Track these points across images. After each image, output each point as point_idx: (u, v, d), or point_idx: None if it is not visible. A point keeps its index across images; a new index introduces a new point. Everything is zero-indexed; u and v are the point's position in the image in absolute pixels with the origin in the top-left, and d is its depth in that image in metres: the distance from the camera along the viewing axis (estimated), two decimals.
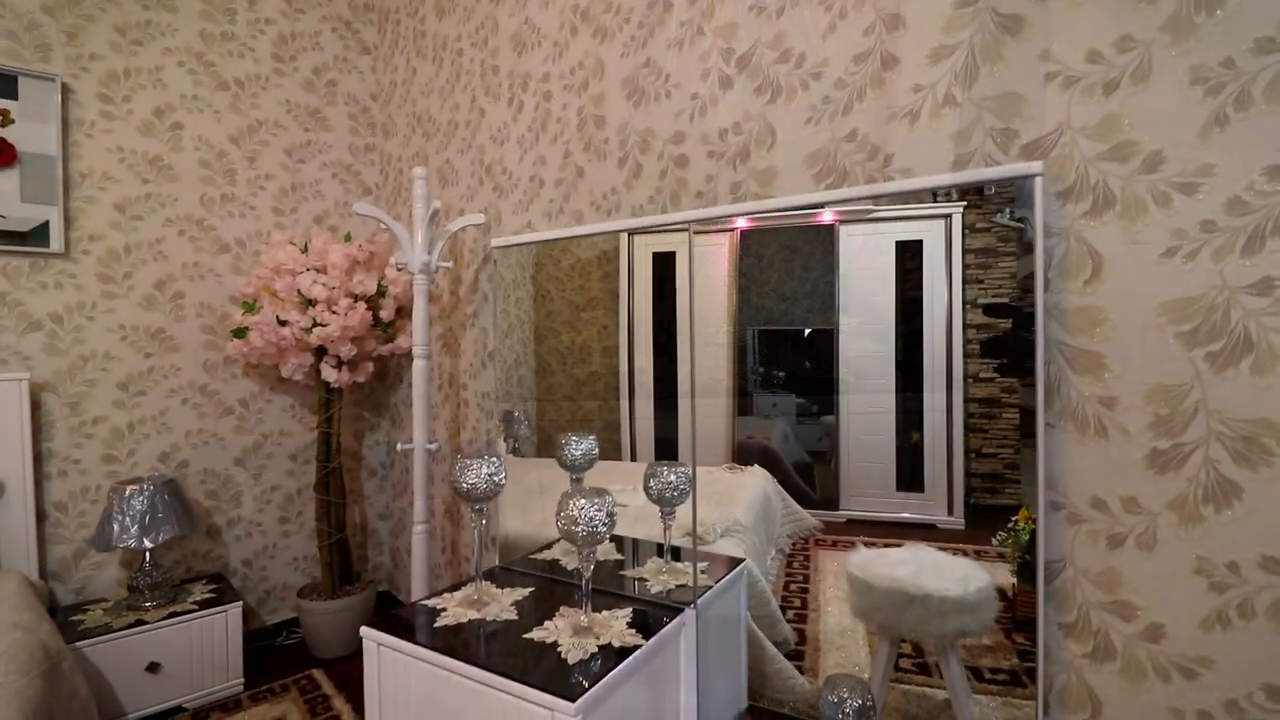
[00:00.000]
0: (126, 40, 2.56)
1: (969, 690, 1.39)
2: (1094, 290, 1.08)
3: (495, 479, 1.46)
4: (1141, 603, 1.05)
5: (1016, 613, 1.32)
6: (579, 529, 1.29)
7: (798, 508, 1.74)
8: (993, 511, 1.36)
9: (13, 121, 2.33)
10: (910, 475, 1.59)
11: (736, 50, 1.60)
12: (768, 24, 1.53)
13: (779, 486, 1.77)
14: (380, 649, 1.37)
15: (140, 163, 2.59)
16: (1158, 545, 1.03)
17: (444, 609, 1.45)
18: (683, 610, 1.48)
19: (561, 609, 1.46)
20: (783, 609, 1.72)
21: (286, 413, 2.98)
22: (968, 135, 1.22)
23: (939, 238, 1.45)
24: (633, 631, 1.35)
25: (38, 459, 2.38)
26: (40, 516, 2.38)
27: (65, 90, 2.43)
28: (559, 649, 1.27)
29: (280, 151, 2.95)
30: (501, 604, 1.49)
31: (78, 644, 2.12)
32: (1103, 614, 1.09)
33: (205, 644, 2.40)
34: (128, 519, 2.29)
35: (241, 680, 2.49)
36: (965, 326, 1.41)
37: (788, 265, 1.72)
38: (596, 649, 1.27)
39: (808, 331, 1.73)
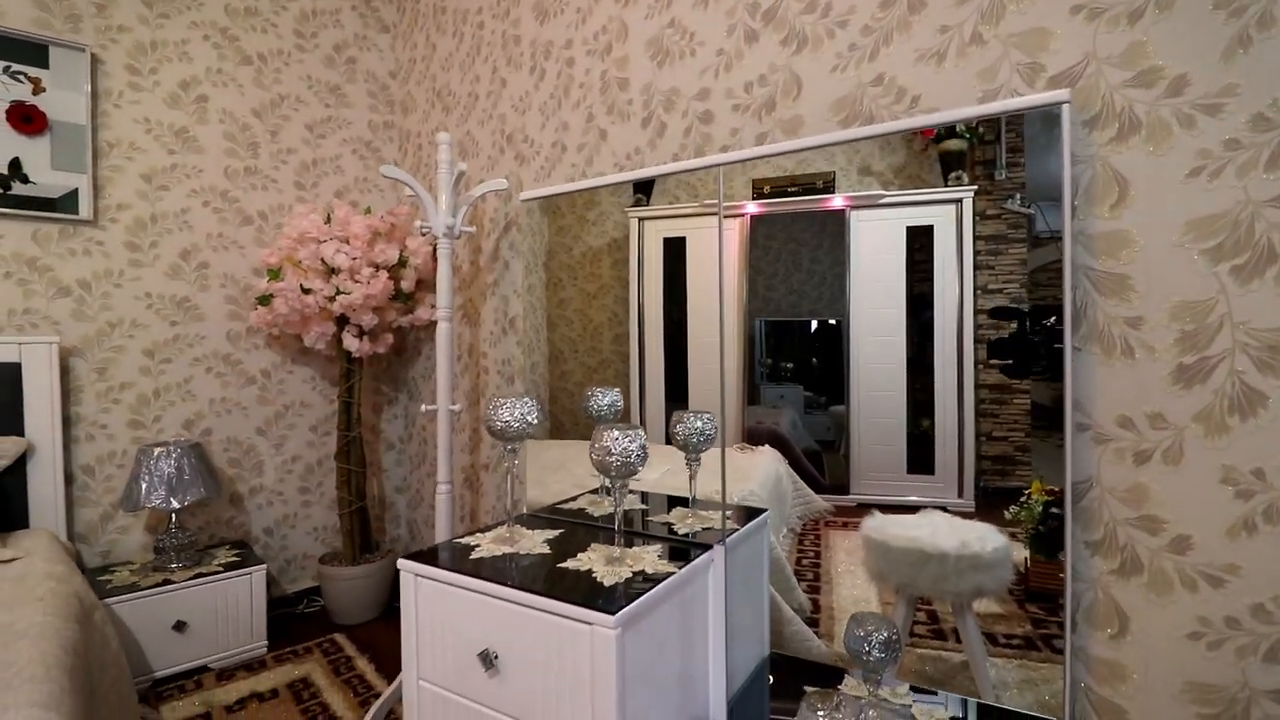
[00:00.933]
0: (153, 13, 2.60)
1: (985, 649, 1.41)
2: (1120, 215, 1.11)
3: (528, 419, 1.49)
4: (1168, 516, 1.08)
5: (1029, 584, 1.33)
6: (613, 459, 1.32)
7: (808, 490, 1.75)
8: (1003, 494, 1.37)
9: (44, 90, 2.37)
10: (920, 459, 1.59)
11: (762, 4, 1.63)
12: None
13: (789, 468, 1.78)
14: (418, 580, 1.40)
15: (166, 134, 2.64)
16: (1184, 459, 1.06)
17: (476, 545, 1.49)
18: (711, 547, 1.51)
19: (593, 545, 1.49)
20: (796, 577, 1.75)
21: (307, 384, 3.01)
22: (994, 72, 1.25)
23: (949, 224, 1.46)
24: (664, 562, 1.38)
25: (66, 422, 2.42)
26: (68, 479, 2.42)
27: (94, 61, 2.47)
28: (594, 575, 1.30)
29: (302, 126, 3.00)
30: (533, 541, 1.52)
31: (107, 600, 2.16)
32: (1130, 530, 1.11)
33: (230, 605, 2.44)
34: (156, 480, 2.33)
35: (265, 643, 2.52)
36: (976, 312, 1.41)
37: (795, 258, 1.73)
38: (630, 574, 1.30)
39: (815, 323, 1.73)
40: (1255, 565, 1.01)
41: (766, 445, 1.82)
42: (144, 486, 2.32)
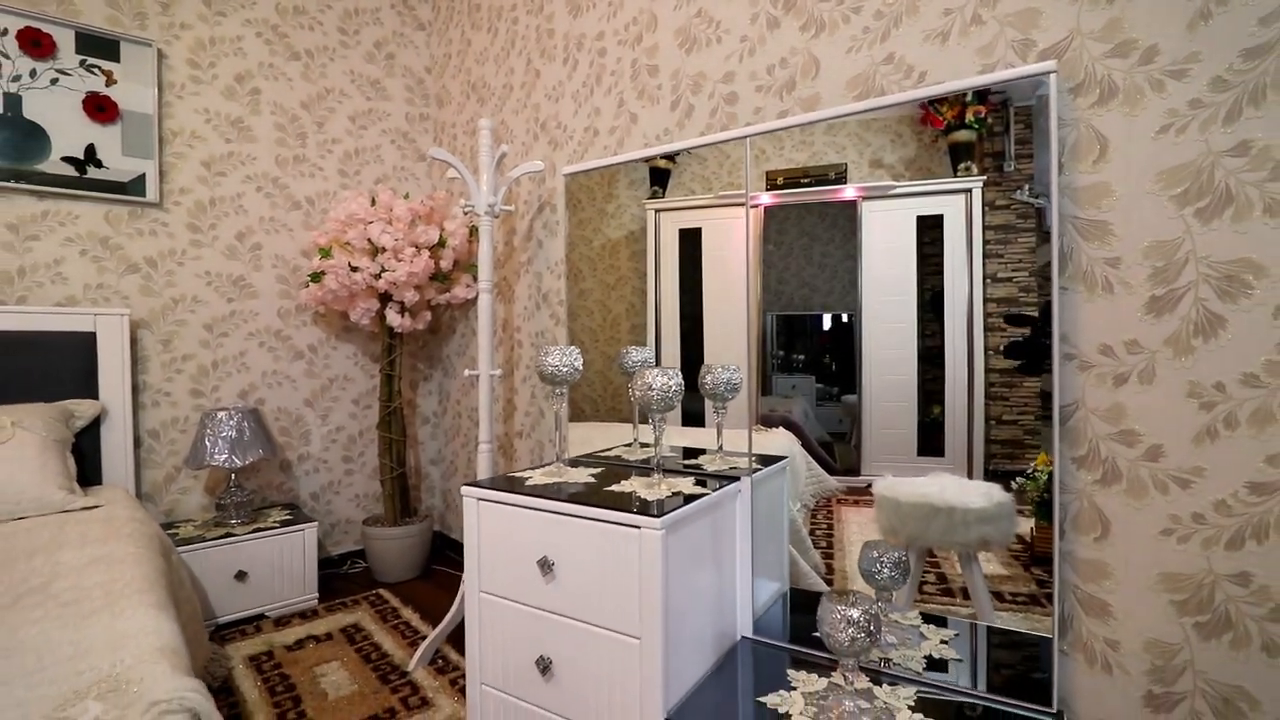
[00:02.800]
0: (212, 11, 2.81)
1: (990, 598, 1.51)
2: (1100, 169, 1.27)
3: (574, 364, 1.67)
4: (1143, 429, 1.23)
5: (1035, 549, 1.42)
6: (654, 393, 1.49)
7: (820, 470, 1.84)
8: (1012, 476, 1.42)
9: (115, 82, 2.58)
10: (931, 443, 1.63)
11: None
12: None
13: (802, 449, 1.86)
14: (480, 503, 1.57)
15: (223, 124, 2.84)
16: (1156, 378, 1.22)
17: (528, 477, 1.66)
18: (739, 479, 1.68)
19: (633, 476, 1.67)
20: (815, 542, 1.85)
21: (350, 359, 3.21)
22: (991, 48, 1.41)
23: (959, 214, 1.52)
24: (699, 488, 1.55)
25: (135, 389, 2.62)
26: (136, 442, 2.62)
27: (160, 55, 2.68)
28: (637, 494, 1.47)
29: (345, 118, 3.19)
30: (579, 474, 1.70)
31: (178, 549, 2.35)
32: (1110, 444, 1.27)
33: (286, 559, 2.63)
34: (219, 440, 2.53)
35: (316, 595, 2.71)
36: (985, 300, 1.46)
37: (808, 252, 1.79)
38: (670, 494, 1.47)
39: (828, 316, 1.78)
40: (1217, 466, 1.16)
41: (780, 428, 1.93)
42: (208, 446, 2.51)
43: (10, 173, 2.37)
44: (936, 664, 1.47)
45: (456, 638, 2.30)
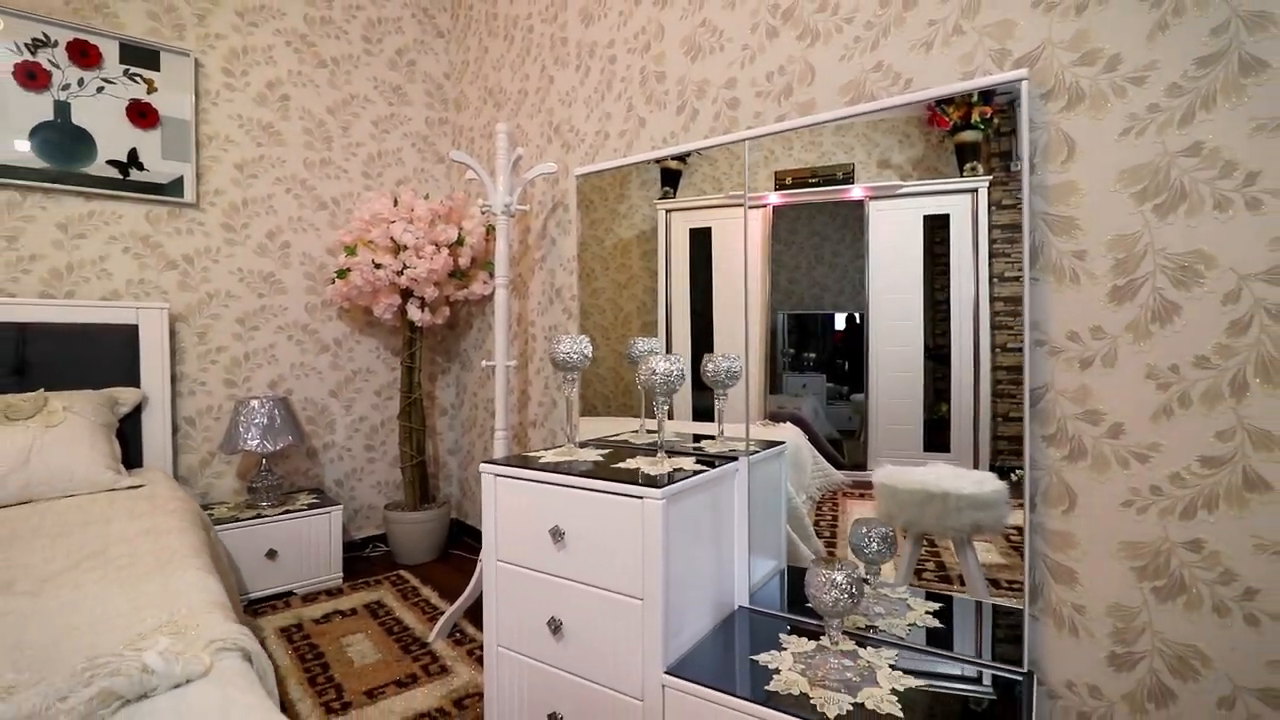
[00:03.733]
0: (244, 22, 2.97)
1: (985, 581, 1.57)
2: (1068, 168, 1.38)
3: (584, 352, 1.79)
4: (1106, 409, 1.34)
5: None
6: (658, 377, 1.61)
7: (827, 465, 1.91)
8: (1015, 470, 1.45)
9: (156, 90, 2.75)
10: (937, 439, 1.67)
11: (782, 4, 1.92)
12: None
13: (809, 444, 1.92)
14: (497, 479, 1.70)
15: (255, 129, 3.00)
16: (1118, 361, 1.32)
17: (541, 457, 1.79)
18: (737, 459, 1.80)
19: (639, 455, 1.79)
20: (818, 533, 1.92)
21: (373, 353, 3.36)
22: (971, 57, 1.52)
23: (965, 213, 1.55)
24: (700, 466, 1.67)
25: (173, 379, 2.78)
26: (174, 429, 2.78)
27: (196, 64, 2.84)
28: (642, 470, 1.59)
29: (368, 123, 3.35)
30: (588, 454, 1.82)
31: (214, 529, 2.51)
32: (1076, 422, 1.37)
33: (312, 539, 2.78)
34: (252, 426, 2.68)
35: (341, 574, 2.86)
36: (992, 299, 1.49)
37: (818, 252, 1.83)
38: (672, 470, 1.59)
39: (841, 316, 1.81)
40: (1172, 442, 1.26)
41: (788, 423, 2.00)
42: (242, 431, 2.67)
43: (60, 175, 2.54)
44: (922, 632, 1.57)
45: (473, 614, 2.43)
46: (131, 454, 2.60)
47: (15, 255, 2.47)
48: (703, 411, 2.12)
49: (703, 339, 2.12)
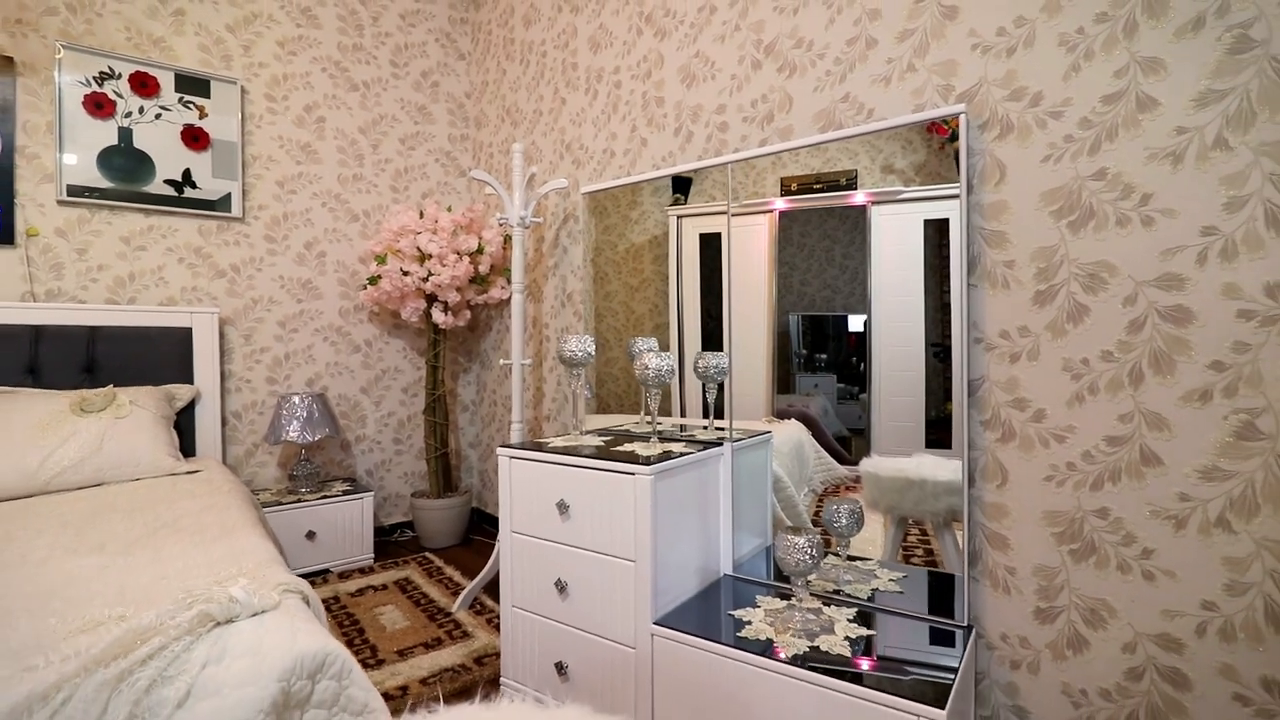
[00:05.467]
0: (285, 51, 3.26)
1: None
2: (1000, 190, 1.59)
3: (588, 350, 2.03)
4: (1031, 396, 1.55)
5: None
6: (650, 372, 1.85)
7: (831, 460, 2.04)
8: None
9: (206, 115, 3.04)
10: (938, 437, 1.74)
11: (764, 40, 2.15)
12: (787, 20, 2.08)
13: (813, 439, 2.05)
14: (512, 461, 1.95)
15: (294, 148, 3.29)
16: (1040, 355, 1.53)
17: (550, 442, 2.03)
18: (722, 445, 2.03)
19: (635, 441, 2.03)
20: (814, 524, 2.04)
21: (400, 353, 3.63)
22: (922, 91, 1.74)
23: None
24: (689, 450, 1.90)
25: (222, 376, 3.07)
26: (223, 422, 3.07)
27: (243, 91, 3.13)
28: (636, 452, 1.83)
29: (396, 140, 3.63)
30: (591, 440, 2.06)
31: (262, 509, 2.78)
32: (1008, 409, 1.59)
33: (347, 522, 3.05)
34: (293, 419, 2.96)
35: (372, 555, 3.13)
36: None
37: (829, 254, 1.92)
38: (662, 452, 1.83)
39: (856, 318, 1.88)
40: (1084, 424, 1.47)
41: (793, 420, 2.13)
42: (284, 423, 2.95)
43: (123, 194, 2.84)
44: (884, 596, 1.79)
45: (490, 589, 2.68)
46: (186, 444, 2.89)
47: (85, 265, 2.77)
48: (716, 410, 2.21)
49: (714, 341, 2.24)
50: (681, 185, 2.33)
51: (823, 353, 1.98)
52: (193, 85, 3.01)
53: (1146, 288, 1.39)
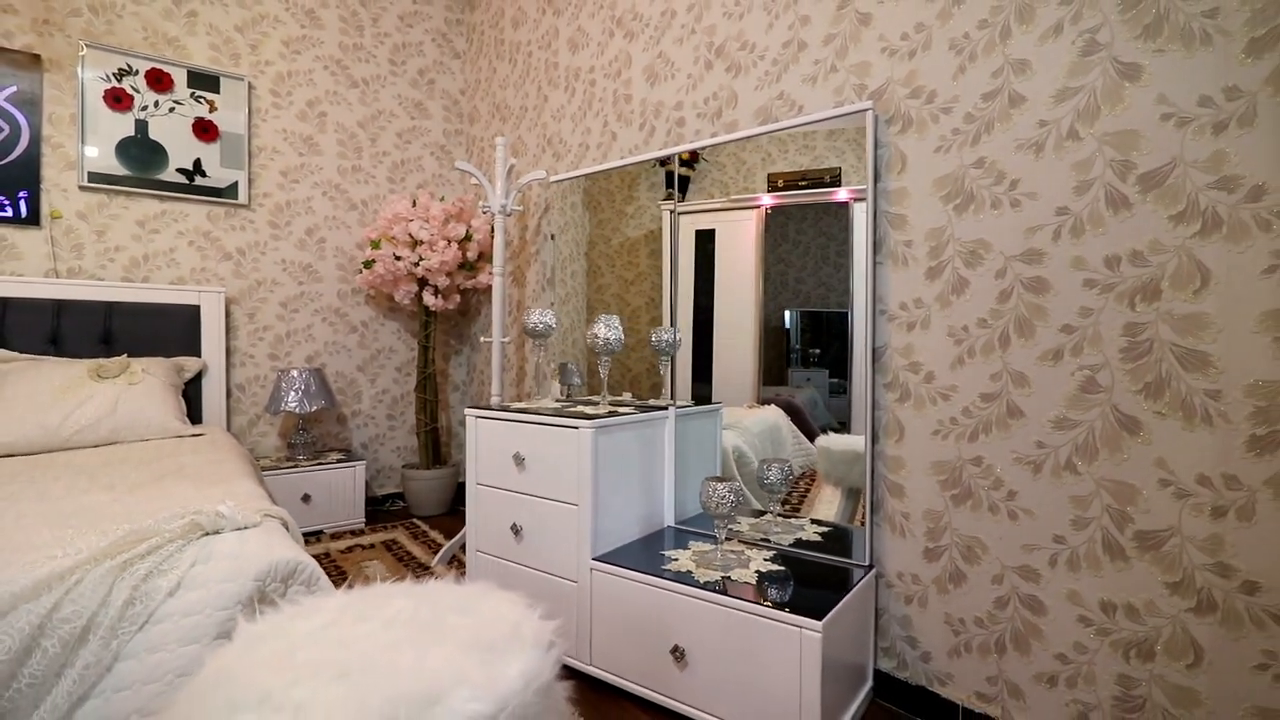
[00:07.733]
0: (289, 50, 3.51)
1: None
2: (902, 177, 1.79)
3: (548, 322, 2.26)
4: (923, 359, 1.75)
5: None
6: (599, 340, 2.07)
7: (809, 444, 2.15)
8: None
9: (216, 109, 3.29)
10: None
11: (715, 43, 2.36)
12: (734, 24, 2.29)
13: (791, 424, 2.17)
14: (479, 421, 2.18)
15: (297, 141, 3.54)
16: (930, 324, 1.74)
17: (513, 405, 2.26)
18: (666, 410, 2.24)
19: (587, 406, 2.24)
20: (785, 502, 2.16)
21: (394, 335, 3.88)
22: (841, 89, 1.95)
23: None
24: (635, 413, 2.12)
25: (227, 351, 3.32)
26: (227, 394, 3.32)
27: (250, 87, 3.38)
28: (585, 412, 2.05)
29: (393, 134, 3.87)
30: (549, 404, 2.28)
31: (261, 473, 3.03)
32: (905, 373, 1.79)
33: (340, 488, 3.29)
34: (292, 391, 3.21)
35: (363, 520, 3.38)
36: None
37: (824, 251, 2.00)
38: (608, 412, 2.05)
39: (840, 313, 1.96)
40: (964, 384, 1.67)
41: (772, 405, 2.27)
42: (284, 394, 3.20)
43: (139, 181, 3.10)
44: (805, 544, 1.99)
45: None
46: (194, 413, 3.14)
47: (104, 246, 3.03)
48: (701, 398, 2.38)
49: (705, 331, 2.33)
50: (680, 181, 2.42)
51: (817, 348, 2.06)
52: (204, 81, 3.26)
53: (1014, 262, 1.59)
